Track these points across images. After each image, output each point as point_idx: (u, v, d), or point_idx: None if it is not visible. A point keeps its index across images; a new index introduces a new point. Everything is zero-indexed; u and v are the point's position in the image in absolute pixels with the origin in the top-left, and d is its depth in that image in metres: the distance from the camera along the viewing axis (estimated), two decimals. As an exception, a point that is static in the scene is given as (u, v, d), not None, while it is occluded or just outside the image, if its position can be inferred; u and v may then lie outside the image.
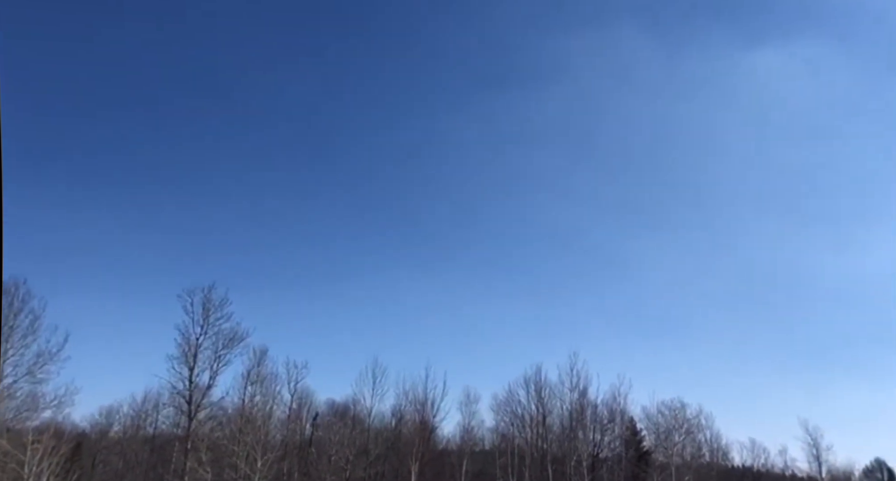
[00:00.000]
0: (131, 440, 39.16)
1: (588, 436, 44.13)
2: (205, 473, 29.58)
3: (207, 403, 33.80)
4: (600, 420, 45.30)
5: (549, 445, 44.83)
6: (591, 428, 44.83)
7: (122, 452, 37.76)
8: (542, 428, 45.60)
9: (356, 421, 42.15)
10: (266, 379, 38.43)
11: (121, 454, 37.68)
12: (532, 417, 45.97)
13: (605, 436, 45.55)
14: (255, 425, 32.77)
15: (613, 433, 45.76)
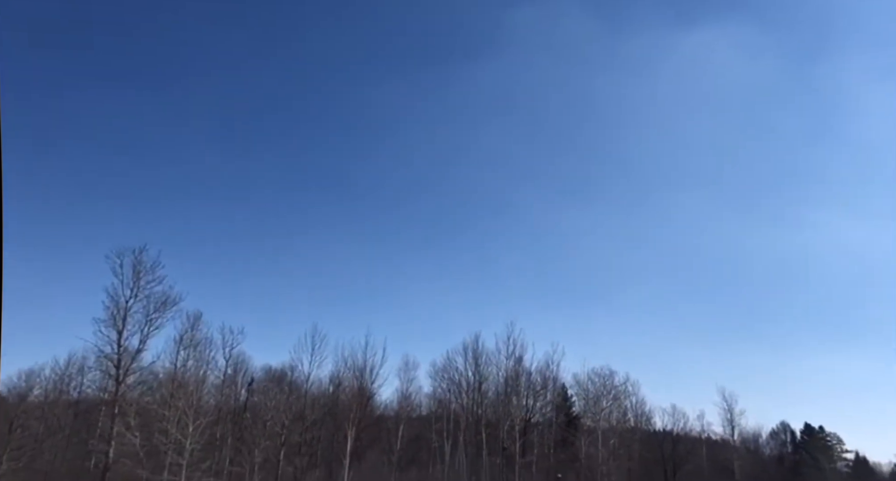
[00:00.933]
0: (53, 404, 37.53)
1: (521, 402, 45.59)
2: (133, 437, 28.74)
3: (137, 367, 32.68)
4: (534, 386, 46.85)
5: (484, 410, 46.12)
6: (525, 394, 46.33)
7: (43, 417, 36.16)
8: (477, 394, 46.79)
9: (293, 387, 41.87)
10: (200, 344, 37.52)
11: (42, 418, 36.09)
12: (469, 383, 47.07)
13: (537, 402, 47.22)
14: (187, 390, 31.94)
15: (545, 399, 47.49)
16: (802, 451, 54.46)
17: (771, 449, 53.97)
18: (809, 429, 62.22)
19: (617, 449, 43.09)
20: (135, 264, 32.46)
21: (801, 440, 59.56)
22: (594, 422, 45.32)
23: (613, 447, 43.04)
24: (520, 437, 41.96)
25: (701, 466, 44.69)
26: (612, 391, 47.17)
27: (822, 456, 52.46)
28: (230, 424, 38.38)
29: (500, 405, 45.20)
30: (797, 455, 53.76)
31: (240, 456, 36.22)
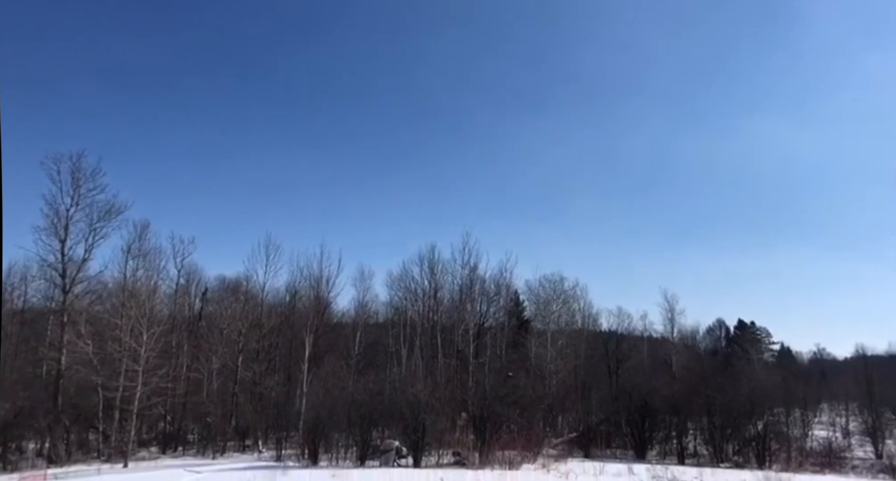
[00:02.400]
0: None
1: (476, 308, 47.05)
2: (85, 346, 28.57)
3: (84, 277, 31.99)
4: (487, 293, 48.28)
5: (440, 316, 47.52)
6: (479, 300, 47.76)
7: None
8: (433, 302, 48.03)
9: (248, 296, 41.95)
10: (149, 253, 36.72)
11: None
12: (424, 292, 48.16)
13: (490, 308, 48.85)
14: (138, 299, 31.59)
15: (499, 304, 49.11)
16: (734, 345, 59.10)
17: (706, 344, 58.15)
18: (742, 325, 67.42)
19: (564, 349, 45.44)
20: (73, 171, 31.03)
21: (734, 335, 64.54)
22: (544, 325, 47.45)
23: (561, 347, 45.35)
24: (474, 341, 43.62)
25: (642, 361, 47.92)
26: (562, 296, 49.23)
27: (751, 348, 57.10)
28: (185, 332, 38.49)
29: (455, 311, 46.60)
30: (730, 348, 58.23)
31: (197, 362, 36.65)
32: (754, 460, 29.71)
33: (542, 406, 34.75)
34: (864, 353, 53.40)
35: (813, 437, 36.81)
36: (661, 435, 34.74)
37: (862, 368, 48.83)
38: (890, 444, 37.68)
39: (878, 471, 30.43)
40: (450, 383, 36.49)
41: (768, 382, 41.75)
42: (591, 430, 35.58)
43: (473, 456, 24.05)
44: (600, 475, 19.44)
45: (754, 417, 32.18)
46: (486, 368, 41.14)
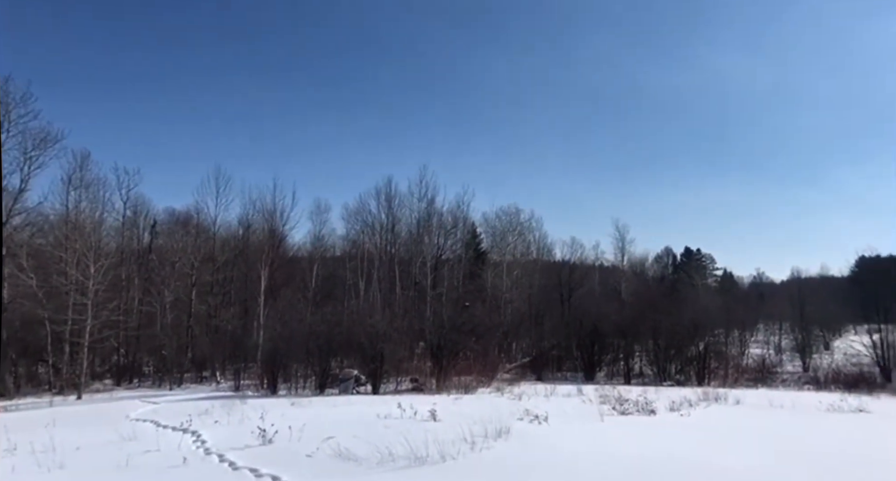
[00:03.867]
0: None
1: (433, 241, 47.27)
2: (28, 279, 27.51)
3: (22, 208, 30.42)
4: (445, 226, 48.46)
5: (398, 249, 47.65)
6: (437, 233, 47.92)
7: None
8: (391, 235, 47.99)
9: (200, 229, 40.89)
10: (92, 185, 34.96)
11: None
12: (382, 225, 47.98)
13: (448, 240, 49.18)
14: (83, 232, 30.34)
15: (456, 237, 49.46)
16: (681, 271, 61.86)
17: (655, 271, 60.62)
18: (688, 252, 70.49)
19: (520, 279, 46.56)
20: (1, 95, 28.82)
21: (681, 262, 67.52)
22: (500, 256, 48.29)
23: (517, 277, 46.43)
24: (431, 273, 44.10)
25: (593, 289, 49.68)
26: (518, 227, 49.93)
27: (696, 274, 59.96)
28: (135, 266, 37.51)
29: (413, 244, 46.75)
30: (676, 275, 60.92)
31: (149, 296, 35.96)
32: (694, 378, 31.70)
33: (498, 333, 35.83)
34: (798, 276, 56.78)
35: (749, 355, 39.51)
36: (610, 357, 36.59)
37: (796, 290, 51.98)
38: (816, 358, 40.86)
39: (804, 383, 33.08)
40: (408, 314, 36.97)
41: (711, 306, 44.09)
42: (544, 355, 37.12)
43: (431, 382, 24.74)
44: (551, 396, 20.29)
45: (696, 339, 34.10)
46: (443, 299, 41.82)
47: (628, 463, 8.62)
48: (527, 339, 40.70)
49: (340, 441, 9.33)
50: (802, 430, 13.26)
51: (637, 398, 16.59)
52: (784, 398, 21.42)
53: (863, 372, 34.42)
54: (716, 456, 9.43)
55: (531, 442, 9.99)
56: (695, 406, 17.03)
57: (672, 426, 13.07)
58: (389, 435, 9.69)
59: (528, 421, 12.36)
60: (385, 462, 8.26)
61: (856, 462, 9.39)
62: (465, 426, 10.32)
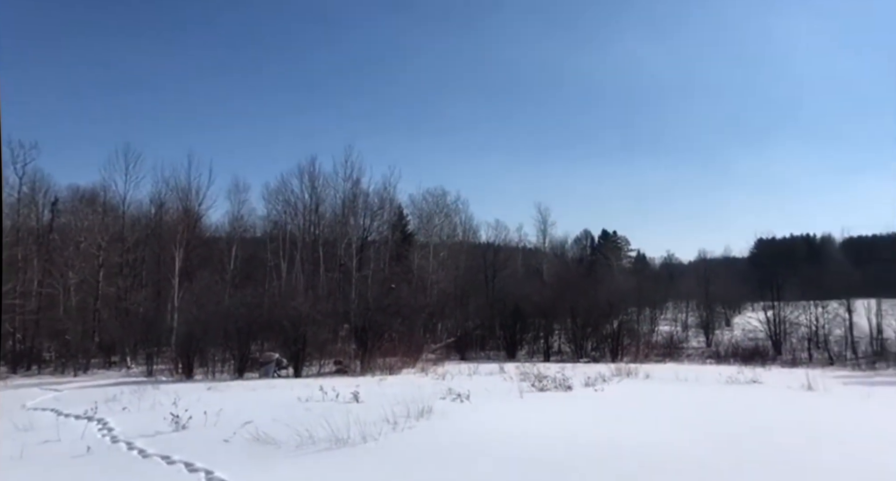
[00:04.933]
0: None
1: (359, 222, 46.72)
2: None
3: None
4: (371, 207, 47.92)
5: (322, 231, 46.69)
6: (363, 214, 47.37)
7: None
8: (315, 216, 46.92)
9: (108, 207, 38.37)
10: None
11: None
12: (305, 206, 46.77)
13: (374, 222, 48.71)
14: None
15: (382, 218, 49.05)
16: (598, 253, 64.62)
17: (574, 252, 62.93)
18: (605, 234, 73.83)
19: (446, 261, 46.93)
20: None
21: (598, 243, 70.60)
22: (426, 238, 48.42)
23: (443, 259, 46.78)
24: (357, 254, 43.59)
25: (516, 270, 50.92)
26: (444, 209, 50.20)
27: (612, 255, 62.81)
28: (34, 245, 34.73)
29: (338, 225, 45.97)
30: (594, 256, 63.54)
31: (50, 277, 33.50)
32: (609, 354, 33.30)
33: (423, 314, 36.07)
34: (704, 257, 60.55)
35: (658, 332, 41.89)
36: (531, 336, 37.78)
37: (701, 270, 55.48)
38: (718, 334, 43.96)
39: (707, 357, 35.57)
40: (332, 296, 36.54)
41: (625, 286, 46.32)
42: (468, 335, 37.80)
43: (355, 364, 24.64)
44: (474, 375, 20.73)
45: (611, 317, 35.81)
46: (369, 281, 41.48)
47: (542, 438, 8.95)
48: (452, 320, 41.23)
49: (259, 425, 9.12)
50: (703, 401, 14.25)
51: (555, 375, 17.22)
52: (689, 372, 22.94)
53: (758, 346, 37.39)
54: (623, 428, 9.98)
55: (452, 421, 10.17)
56: (608, 381, 17.91)
57: (586, 401, 13.68)
58: (310, 418, 9.56)
59: (450, 400, 12.56)
60: (305, 445, 8.16)
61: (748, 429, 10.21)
62: (388, 407, 10.36)
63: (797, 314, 40.05)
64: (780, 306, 41.13)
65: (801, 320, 39.55)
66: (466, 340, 37.09)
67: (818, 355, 36.59)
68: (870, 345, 36.64)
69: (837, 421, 11.68)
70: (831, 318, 38.62)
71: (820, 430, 10.26)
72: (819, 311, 38.90)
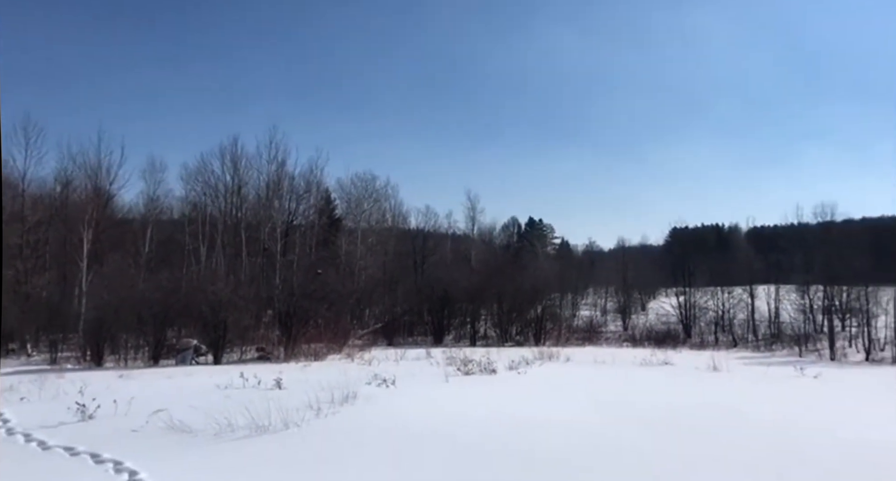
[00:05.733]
0: None
1: (284, 206, 45.40)
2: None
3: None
4: (297, 190, 46.65)
5: (244, 214, 45.04)
6: (288, 198, 46.05)
7: None
8: (237, 198, 45.16)
9: (6, 185, 35.25)
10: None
11: None
12: (227, 187, 44.92)
13: (300, 205, 47.45)
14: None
15: (309, 202, 47.88)
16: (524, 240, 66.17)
17: (501, 239, 64.03)
18: (531, 222, 75.73)
19: (374, 246, 46.54)
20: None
21: (525, 231, 72.30)
22: (355, 223, 47.76)
23: (371, 244, 46.35)
24: (281, 239, 42.39)
25: (445, 257, 51.20)
26: (374, 194, 49.58)
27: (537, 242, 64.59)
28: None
29: (262, 209, 44.47)
30: (520, 243, 64.95)
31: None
32: (532, 338, 34.26)
33: (351, 300, 35.72)
34: (623, 245, 63.27)
35: (579, 317, 43.49)
36: (458, 321, 38.24)
37: (620, 257, 57.95)
38: (634, 318, 46.17)
39: (623, 341, 37.34)
40: (255, 281, 35.45)
41: (549, 272, 47.67)
42: (396, 321, 37.81)
43: (279, 351, 24.11)
44: (401, 360, 20.79)
45: (535, 302, 36.83)
46: (294, 266, 40.51)
47: (464, 419, 9.11)
48: (380, 306, 41.02)
49: (174, 413, 8.74)
50: (617, 383, 14.95)
51: (480, 359, 17.54)
52: (606, 354, 24.01)
53: (670, 329, 39.63)
54: (542, 408, 10.31)
55: (377, 406, 10.15)
56: (531, 364, 18.45)
57: (509, 383, 14.02)
58: (229, 406, 9.27)
59: (376, 385, 12.53)
60: (223, 433, 7.90)
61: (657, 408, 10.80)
62: (312, 393, 10.20)
63: (706, 299, 42.66)
64: (690, 292, 43.66)
65: (709, 305, 42.17)
66: (394, 326, 37.09)
67: (723, 338, 39.18)
68: (768, 328, 39.61)
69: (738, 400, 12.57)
70: (736, 303, 41.41)
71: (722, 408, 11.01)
72: (725, 297, 41.59)
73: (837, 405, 12.30)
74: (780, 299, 41.20)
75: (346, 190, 49.21)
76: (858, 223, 56.86)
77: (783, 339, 36.41)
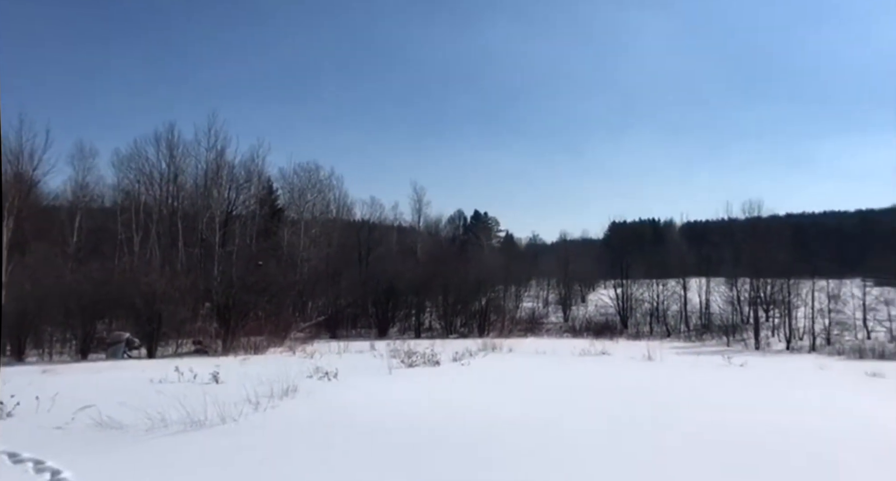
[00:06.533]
0: None
1: (223, 195, 44.02)
2: None
3: None
4: (237, 179, 45.31)
5: (181, 203, 43.41)
6: (228, 187, 44.67)
7: None
8: (173, 187, 43.46)
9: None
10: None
11: None
12: (162, 175, 43.17)
13: (240, 195, 46.10)
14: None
15: (249, 192, 46.59)
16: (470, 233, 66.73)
17: (447, 232, 64.34)
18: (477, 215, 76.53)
19: (318, 238, 45.82)
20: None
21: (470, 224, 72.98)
22: (298, 214, 46.84)
23: (315, 235, 45.61)
24: (220, 229, 41.12)
25: (391, 249, 50.98)
26: (317, 185, 48.75)
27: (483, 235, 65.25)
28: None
29: (200, 198, 42.98)
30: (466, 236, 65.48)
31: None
32: (476, 330, 34.64)
33: (292, 292, 35.08)
34: (565, 238, 64.78)
35: (522, 308, 44.26)
36: (403, 314, 38.20)
37: (562, 250, 59.30)
38: (574, 310, 47.40)
39: (564, 331, 38.28)
40: (192, 272, 34.24)
41: (493, 264, 48.26)
42: (339, 313, 37.41)
43: (217, 344, 23.43)
44: (344, 353, 20.62)
45: (480, 294, 37.21)
46: (234, 257, 39.41)
47: (407, 411, 9.13)
48: (323, 298, 40.46)
49: (102, 409, 8.36)
50: (558, 373, 15.34)
51: (425, 351, 17.62)
52: (547, 345, 24.59)
53: (608, 321, 40.91)
54: (485, 399, 10.46)
55: (318, 399, 10.03)
56: (475, 355, 18.67)
57: (453, 375, 14.14)
58: (163, 401, 8.95)
59: (317, 378, 12.38)
60: (155, 429, 7.62)
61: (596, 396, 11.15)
62: (251, 387, 9.98)
63: (642, 291, 44.24)
64: (627, 284, 45.16)
65: (645, 297, 43.76)
66: (337, 318, 36.70)
67: (658, 328, 40.79)
68: (699, 319, 41.48)
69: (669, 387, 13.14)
70: (670, 295, 43.15)
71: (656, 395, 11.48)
72: (660, 289, 43.28)
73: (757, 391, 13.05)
74: (711, 291, 43.17)
75: (289, 180, 48.22)
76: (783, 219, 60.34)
77: (713, 330, 38.21)
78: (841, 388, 14.35)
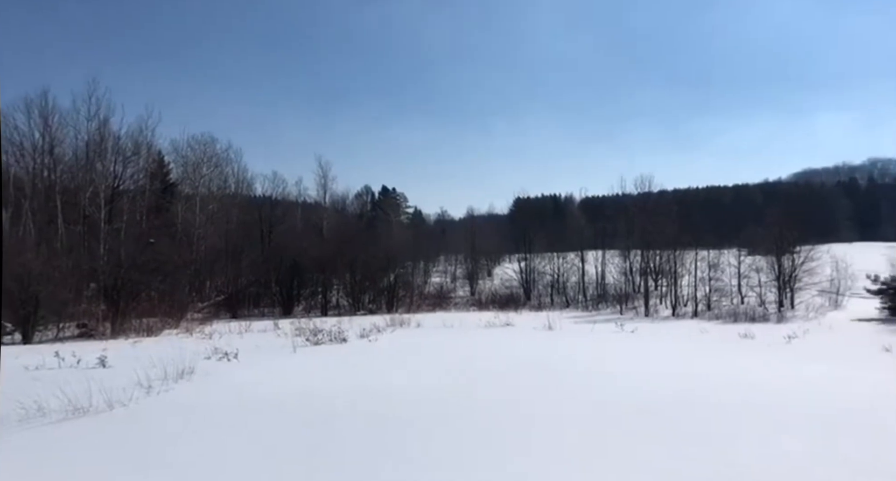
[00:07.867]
0: None
1: (108, 169, 40.68)
2: None
3: None
4: (124, 152, 41.95)
5: (59, 176, 39.66)
6: (113, 160, 41.29)
7: None
8: (49, 159, 39.56)
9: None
10: None
11: None
12: (35, 146, 39.14)
13: (128, 169, 42.77)
14: None
15: (138, 165, 43.35)
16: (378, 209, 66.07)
17: (355, 208, 63.34)
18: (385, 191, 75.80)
19: (215, 214, 43.60)
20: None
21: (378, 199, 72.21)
22: (193, 189, 44.25)
23: (212, 212, 43.35)
24: (106, 205, 38.05)
25: (295, 226, 49.46)
26: (214, 158, 46.18)
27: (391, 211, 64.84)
28: None
29: (81, 171, 39.45)
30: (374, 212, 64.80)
31: None
32: (385, 306, 34.59)
33: (189, 271, 33.32)
34: (472, 214, 65.83)
35: (430, 283, 44.70)
36: (309, 291, 37.37)
37: (469, 226, 60.27)
38: (481, 284, 48.56)
39: (471, 305, 39.09)
40: (74, 251, 31.58)
41: (402, 240, 48.23)
42: (240, 292, 36.01)
43: (104, 327, 21.87)
44: (245, 333, 19.93)
45: (388, 270, 37.09)
46: (122, 235, 36.69)
47: (312, 389, 8.98)
48: (223, 277, 38.72)
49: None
50: (464, 344, 15.67)
51: (331, 328, 17.38)
52: (455, 319, 25.03)
53: (512, 293, 42.23)
54: (391, 374, 10.51)
55: (217, 381, 9.63)
56: (382, 331, 18.67)
57: (360, 351, 14.06)
58: (40, 389, 8.23)
59: (216, 359, 11.88)
60: (31, 418, 7.00)
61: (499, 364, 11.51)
62: (143, 370, 9.41)
63: (544, 264, 45.97)
64: (530, 258, 46.74)
65: (546, 270, 45.51)
66: (239, 298, 35.30)
67: (558, 299, 42.65)
68: (596, 289, 43.79)
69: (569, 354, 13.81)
70: (569, 268, 45.16)
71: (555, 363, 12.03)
72: (560, 262, 45.15)
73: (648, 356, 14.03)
74: (606, 263, 45.63)
75: (182, 153, 45.34)
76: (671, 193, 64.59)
77: (608, 299, 40.49)
78: (721, 350, 15.76)
